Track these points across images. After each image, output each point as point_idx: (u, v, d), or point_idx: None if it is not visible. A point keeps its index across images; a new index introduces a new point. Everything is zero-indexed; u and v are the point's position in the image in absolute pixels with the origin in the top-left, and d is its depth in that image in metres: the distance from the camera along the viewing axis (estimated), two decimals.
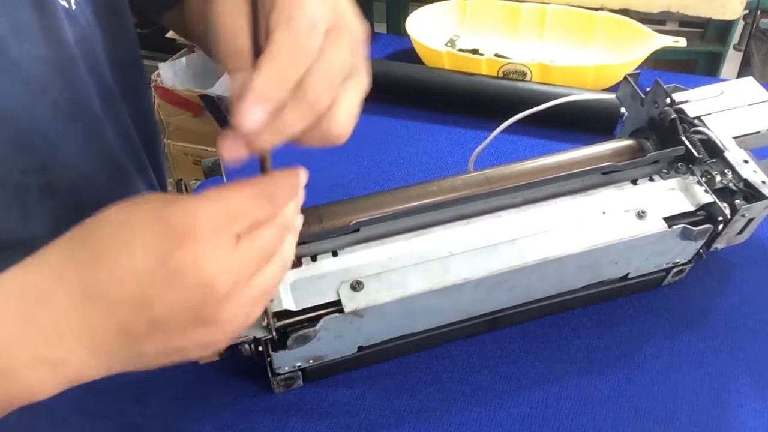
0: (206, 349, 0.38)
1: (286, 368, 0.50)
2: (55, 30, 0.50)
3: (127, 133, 0.62)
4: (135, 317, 0.34)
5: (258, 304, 0.39)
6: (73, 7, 0.52)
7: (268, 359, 0.49)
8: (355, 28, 0.36)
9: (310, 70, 0.34)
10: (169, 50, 1.62)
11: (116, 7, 0.58)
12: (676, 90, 0.59)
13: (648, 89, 0.58)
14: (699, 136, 0.56)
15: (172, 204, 0.35)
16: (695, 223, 0.52)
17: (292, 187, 0.37)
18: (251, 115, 0.33)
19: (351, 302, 0.46)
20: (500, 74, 0.86)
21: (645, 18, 1.18)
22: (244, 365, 0.54)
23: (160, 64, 1.51)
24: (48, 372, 0.34)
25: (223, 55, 0.34)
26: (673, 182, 0.55)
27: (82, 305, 0.34)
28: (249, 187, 0.36)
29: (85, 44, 0.53)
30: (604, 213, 0.52)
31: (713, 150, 0.55)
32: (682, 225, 0.52)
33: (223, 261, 0.34)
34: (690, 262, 0.58)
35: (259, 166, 0.38)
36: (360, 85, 0.38)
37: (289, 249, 0.39)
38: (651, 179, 0.55)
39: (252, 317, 0.39)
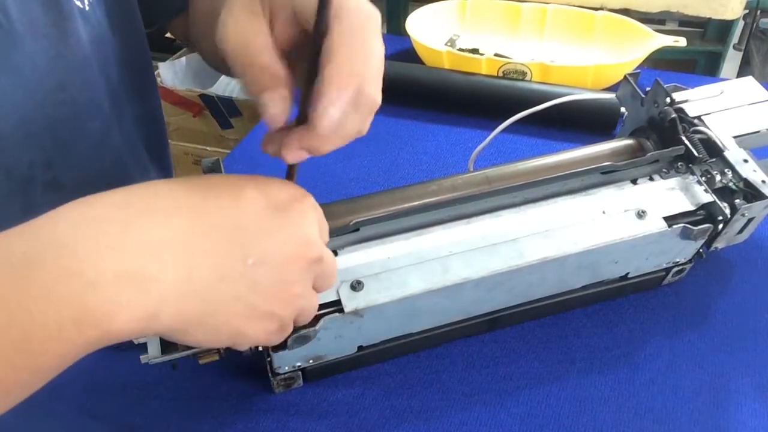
0: (265, 324, 0.37)
1: (286, 368, 0.50)
2: (71, 29, 0.50)
3: (133, 133, 0.62)
4: (235, 247, 0.34)
5: (300, 313, 0.40)
6: (87, 7, 0.52)
7: (268, 359, 0.49)
8: (375, 16, 0.37)
9: (365, 70, 0.35)
10: (169, 50, 1.62)
11: (127, 8, 0.58)
12: (676, 89, 0.59)
13: (648, 89, 0.58)
14: (699, 136, 0.56)
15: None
16: (695, 223, 0.52)
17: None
18: (329, 116, 0.34)
19: (351, 302, 0.46)
20: (500, 74, 0.86)
21: (645, 18, 1.19)
22: (244, 365, 0.54)
23: (160, 64, 1.51)
24: (132, 291, 0.31)
25: (250, 77, 0.35)
26: (673, 182, 0.55)
27: (188, 222, 0.33)
28: None
29: (96, 44, 0.54)
30: (604, 213, 0.52)
31: (713, 149, 0.55)
32: (682, 224, 0.52)
33: (317, 234, 0.38)
34: (690, 261, 0.58)
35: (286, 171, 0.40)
36: None
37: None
38: (651, 179, 0.55)
39: (284, 329, 0.39)
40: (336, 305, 0.46)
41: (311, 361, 0.50)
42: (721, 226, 0.53)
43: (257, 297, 0.36)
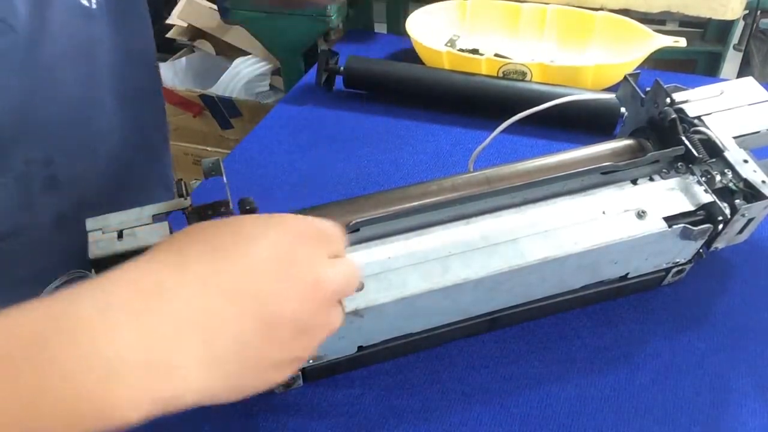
0: (291, 367, 0.37)
1: None
2: (75, 27, 0.50)
3: (136, 133, 0.62)
4: (249, 311, 0.33)
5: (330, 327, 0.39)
6: (93, 6, 0.52)
7: None
8: None
9: None
10: (169, 50, 1.62)
11: (134, 9, 0.58)
12: (676, 90, 0.59)
13: (648, 89, 0.58)
14: (699, 136, 0.56)
15: (276, 215, 0.37)
16: (695, 223, 0.52)
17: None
18: None
19: (351, 302, 0.46)
20: (500, 74, 0.86)
21: (645, 18, 1.18)
22: None
23: (160, 64, 1.51)
24: (154, 379, 0.30)
25: None
26: (673, 182, 0.55)
27: (201, 298, 0.32)
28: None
29: (102, 43, 0.54)
30: (604, 213, 0.52)
31: (713, 150, 0.55)
32: (682, 225, 0.52)
33: (327, 266, 0.37)
34: (690, 261, 0.58)
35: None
36: None
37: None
38: (651, 179, 0.55)
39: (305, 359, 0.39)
40: None
41: (311, 361, 0.50)
42: (721, 226, 0.53)
43: (280, 352, 0.35)
